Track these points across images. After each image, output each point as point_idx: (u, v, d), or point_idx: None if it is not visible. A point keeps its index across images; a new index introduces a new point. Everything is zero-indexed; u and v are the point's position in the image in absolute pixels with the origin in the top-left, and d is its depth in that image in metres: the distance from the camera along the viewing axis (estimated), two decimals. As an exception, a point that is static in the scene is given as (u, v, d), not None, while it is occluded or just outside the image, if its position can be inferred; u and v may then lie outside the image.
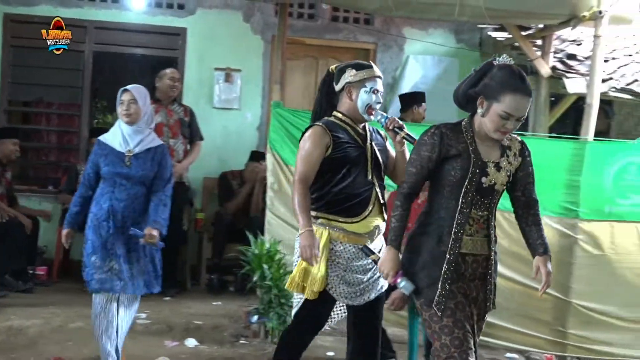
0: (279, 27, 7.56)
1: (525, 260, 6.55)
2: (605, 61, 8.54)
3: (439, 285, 3.74)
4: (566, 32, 8.99)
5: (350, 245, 4.41)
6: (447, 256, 3.76)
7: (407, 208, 3.90)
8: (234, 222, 8.28)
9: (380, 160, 4.56)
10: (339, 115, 4.55)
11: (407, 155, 4.37)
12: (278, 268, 6.28)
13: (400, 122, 4.45)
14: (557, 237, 6.68)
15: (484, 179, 3.79)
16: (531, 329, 6.67)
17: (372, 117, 4.48)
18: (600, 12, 7.50)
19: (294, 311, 4.67)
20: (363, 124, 4.58)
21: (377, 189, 4.49)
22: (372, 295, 4.50)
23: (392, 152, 4.66)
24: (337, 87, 4.57)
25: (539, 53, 8.71)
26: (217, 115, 9.46)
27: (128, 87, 5.48)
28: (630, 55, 9.29)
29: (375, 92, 4.47)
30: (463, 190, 3.77)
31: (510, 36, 9.05)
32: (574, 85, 8.56)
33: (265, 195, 7.15)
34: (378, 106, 4.51)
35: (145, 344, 6.27)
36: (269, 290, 6.21)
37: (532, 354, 6.76)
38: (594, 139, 7.30)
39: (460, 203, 3.77)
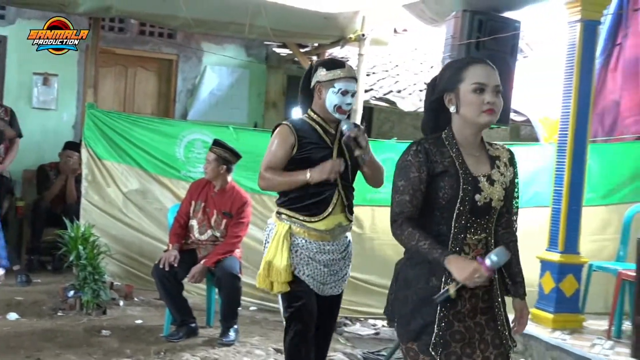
0: (92, 38, 7.33)
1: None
2: (367, 75, 8.88)
3: (435, 327, 2.71)
4: (336, 50, 9.22)
5: (312, 242, 3.94)
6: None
7: (416, 225, 2.73)
8: (52, 208, 7.97)
9: (348, 160, 3.98)
10: (312, 114, 4.02)
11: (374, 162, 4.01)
12: (92, 249, 6.12)
13: (359, 140, 3.82)
14: None
15: (477, 197, 2.75)
16: None
17: (341, 116, 3.91)
18: (363, 35, 7.83)
19: (283, 319, 4.11)
20: (336, 123, 3.97)
21: (341, 190, 3.96)
22: (335, 291, 4.09)
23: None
24: (311, 84, 4.02)
25: (314, 67, 8.91)
26: (35, 115, 9.04)
27: None
28: (386, 70, 9.68)
29: (345, 93, 3.88)
30: (455, 213, 2.74)
31: (291, 52, 9.21)
32: (342, 94, 8.82)
33: (79, 185, 6.99)
34: (347, 107, 3.92)
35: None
36: (84, 268, 6.04)
37: None
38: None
39: (453, 228, 2.73)
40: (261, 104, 10.22)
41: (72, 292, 6.24)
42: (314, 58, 9.01)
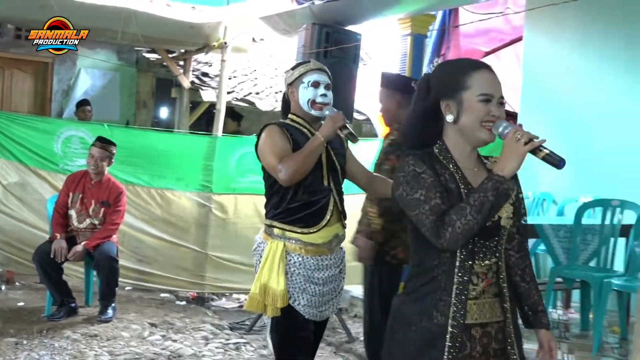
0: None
1: (172, 224, 6.74)
2: (229, 78, 8.89)
3: None
4: (201, 56, 9.19)
5: (308, 257, 3.20)
6: (450, 330, 2.05)
7: (450, 207, 2.01)
8: None
9: (338, 164, 3.34)
10: (293, 117, 3.33)
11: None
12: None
13: (343, 120, 3.20)
14: (196, 206, 6.79)
15: None
16: (178, 275, 6.72)
17: (320, 112, 3.25)
18: (225, 43, 7.84)
19: (268, 335, 3.39)
20: (318, 124, 3.29)
21: (335, 195, 3.28)
22: (331, 311, 3.38)
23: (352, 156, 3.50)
24: (286, 95, 3.42)
25: (181, 70, 8.86)
26: None
27: None
28: (246, 75, 9.72)
29: (316, 84, 3.25)
30: None
31: (160, 57, 9.09)
32: (207, 95, 8.82)
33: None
34: (322, 99, 3.25)
35: None
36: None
37: (180, 292, 6.87)
38: (223, 135, 7.59)
39: (459, 255, 2.07)
40: (132, 104, 10.02)
41: None
42: (181, 63, 8.95)
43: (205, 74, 9.25)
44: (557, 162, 1.95)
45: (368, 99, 9.00)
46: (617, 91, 5.97)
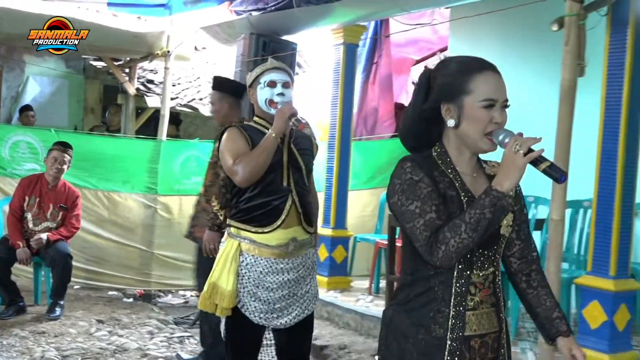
0: None
1: (119, 225, 6.70)
2: (174, 85, 8.86)
3: None
4: (145, 64, 9.12)
5: (262, 259, 2.98)
6: (449, 343, 1.85)
7: (446, 221, 1.80)
8: None
9: (302, 163, 3.14)
10: (255, 118, 3.17)
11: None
12: None
13: (290, 110, 2.99)
14: (143, 207, 6.79)
15: None
16: (125, 273, 6.71)
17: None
18: (168, 52, 7.81)
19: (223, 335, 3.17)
20: None
21: (295, 196, 3.05)
22: (293, 318, 3.07)
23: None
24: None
25: (127, 78, 8.78)
26: None
27: None
28: (190, 82, 9.67)
29: (272, 84, 3.06)
30: None
31: (106, 65, 8.99)
32: (152, 101, 8.75)
33: None
34: (280, 98, 3.06)
35: None
36: None
37: (128, 290, 6.83)
38: (167, 139, 7.58)
39: (457, 264, 1.85)
40: (80, 110, 9.84)
41: None
42: (127, 70, 8.87)
43: (150, 81, 9.18)
44: (557, 176, 1.74)
45: (306, 105, 9.08)
46: (533, 92, 6.14)
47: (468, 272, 1.86)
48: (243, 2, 6.52)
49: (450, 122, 1.86)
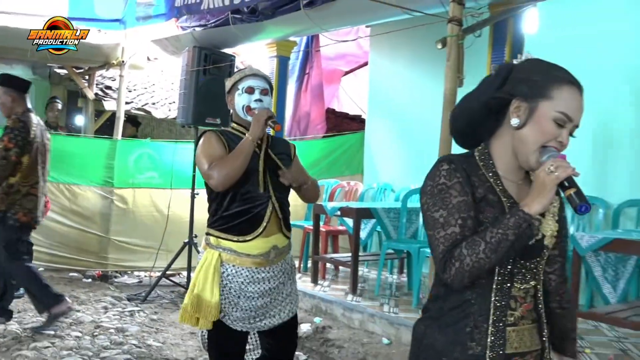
0: None
1: (79, 213, 6.82)
2: (130, 91, 8.99)
3: None
4: (103, 72, 9.17)
5: (243, 269, 2.71)
6: None
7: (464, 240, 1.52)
8: None
9: (282, 168, 2.86)
10: (233, 124, 2.90)
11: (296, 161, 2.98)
12: None
13: (267, 113, 2.76)
14: (100, 199, 6.87)
15: None
16: (85, 257, 6.81)
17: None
18: (123, 61, 7.96)
19: (204, 344, 2.90)
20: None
21: (275, 202, 2.78)
22: (276, 321, 2.82)
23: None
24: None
25: (86, 84, 8.88)
26: None
27: None
28: (145, 88, 9.79)
29: (250, 90, 2.81)
30: None
31: (68, 72, 9.08)
32: (109, 105, 8.87)
33: None
34: (257, 105, 2.80)
35: None
36: None
37: (87, 272, 6.89)
38: (122, 138, 7.72)
39: (496, 276, 1.57)
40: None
41: None
42: (87, 77, 8.98)
43: (108, 87, 9.29)
44: (576, 205, 1.45)
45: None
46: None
47: (508, 285, 1.58)
48: (188, 19, 6.73)
49: (514, 121, 1.57)
